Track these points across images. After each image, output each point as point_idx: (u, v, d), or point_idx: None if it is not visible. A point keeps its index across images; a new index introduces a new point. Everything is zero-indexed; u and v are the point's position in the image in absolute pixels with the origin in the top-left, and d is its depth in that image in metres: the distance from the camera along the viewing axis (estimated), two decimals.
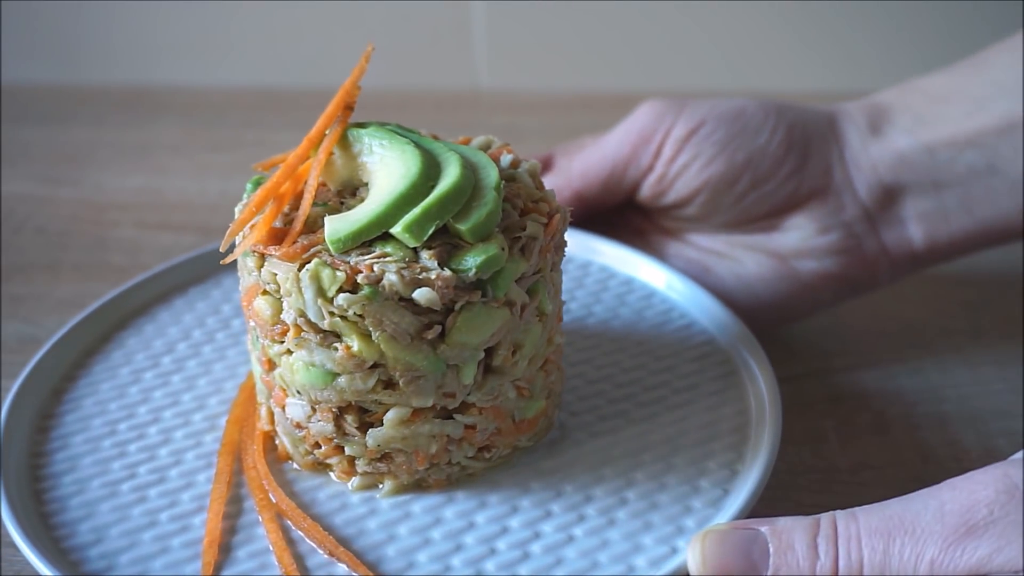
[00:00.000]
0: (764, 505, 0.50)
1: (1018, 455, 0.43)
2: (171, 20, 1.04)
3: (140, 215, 0.85)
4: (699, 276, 0.64)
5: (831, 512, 0.43)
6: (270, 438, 0.54)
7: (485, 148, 0.54)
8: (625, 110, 0.67)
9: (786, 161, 0.62)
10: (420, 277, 0.46)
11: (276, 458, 0.53)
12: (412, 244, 0.46)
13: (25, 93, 1.05)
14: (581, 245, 0.66)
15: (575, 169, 0.66)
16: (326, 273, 0.46)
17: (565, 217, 0.51)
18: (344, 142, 0.51)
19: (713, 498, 0.50)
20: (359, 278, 0.46)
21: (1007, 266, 0.72)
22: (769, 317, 0.64)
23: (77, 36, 1.06)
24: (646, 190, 0.64)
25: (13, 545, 0.52)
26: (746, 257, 0.64)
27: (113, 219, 0.84)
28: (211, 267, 0.65)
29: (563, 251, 0.52)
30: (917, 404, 0.63)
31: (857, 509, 0.43)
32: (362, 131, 0.51)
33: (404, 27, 1.02)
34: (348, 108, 0.52)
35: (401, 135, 0.51)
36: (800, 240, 0.63)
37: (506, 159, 0.53)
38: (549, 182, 0.67)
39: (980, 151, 0.60)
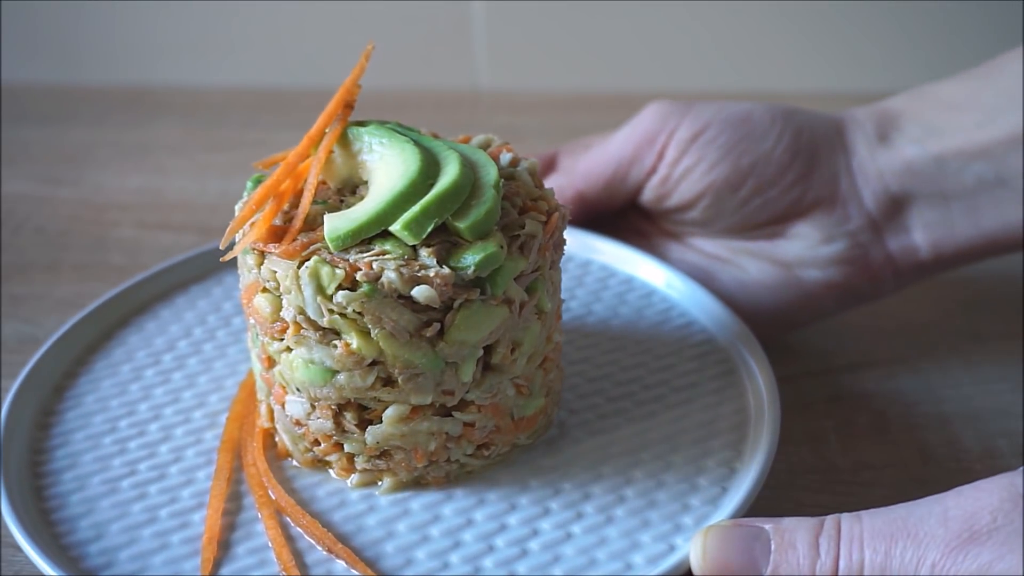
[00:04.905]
0: (764, 505, 0.50)
1: None
2: (171, 20, 1.04)
3: (140, 215, 0.85)
4: (701, 281, 0.63)
5: (837, 514, 0.43)
6: (270, 435, 0.54)
7: (485, 147, 0.54)
8: (625, 110, 0.67)
9: (792, 167, 0.61)
10: (419, 275, 0.46)
11: (276, 455, 0.53)
12: (411, 242, 0.46)
13: (25, 93, 1.05)
14: (581, 244, 0.66)
15: (578, 169, 0.66)
16: (325, 271, 0.46)
17: (564, 216, 0.52)
18: (344, 140, 0.51)
19: (711, 496, 0.50)
20: (358, 275, 0.46)
21: (1007, 266, 0.72)
22: (771, 325, 0.64)
23: (77, 36, 1.06)
24: (649, 192, 0.64)
25: (14, 545, 0.52)
26: (749, 264, 0.64)
27: (113, 219, 0.84)
28: (213, 265, 0.65)
29: (562, 249, 0.52)
30: (917, 404, 0.63)
31: (862, 512, 0.43)
32: (362, 129, 0.51)
33: (404, 27, 1.02)
34: (348, 107, 0.52)
35: (401, 133, 0.51)
36: (804, 249, 0.62)
37: (505, 157, 0.53)
38: (553, 181, 0.67)
39: (989, 162, 0.59)
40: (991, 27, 0.98)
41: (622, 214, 0.68)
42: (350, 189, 0.51)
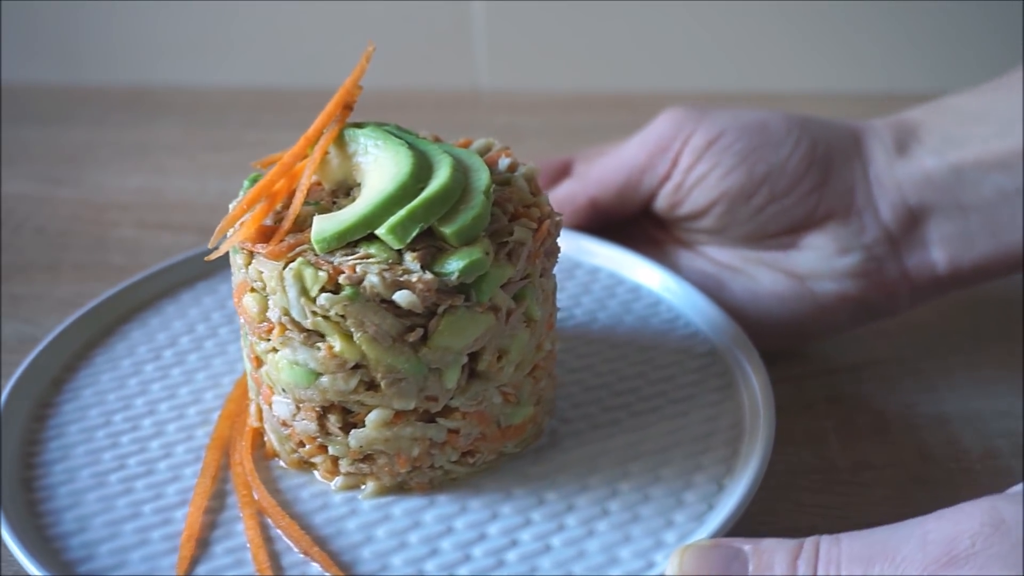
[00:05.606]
0: (764, 505, 0.50)
1: (1015, 488, 0.42)
2: (171, 20, 1.04)
3: (140, 215, 0.85)
4: (712, 290, 0.62)
5: (816, 536, 0.43)
6: (259, 435, 0.54)
7: (485, 151, 0.54)
8: (625, 110, 0.67)
9: (807, 177, 0.61)
10: (401, 279, 0.45)
11: (264, 455, 0.53)
12: (396, 246, 0.46)
13: (25, 93, 1.05)
14: (590, 251, 0.65)
15: (592, 175, 0.65)
16: (309, 272, 0.46)
17: (557, 223, 0.51)
18: (341, 142, 0.51)
19: (697, 512, 0.49)
20: (341, 278, 0.46)
21: None
22: (782, 337, 0.63)
23: (77, 36, 1.06)
24: (662, 199, 0.63)
25: None
26: (761, 274, 0.63)
27: (113, 219, 0.84)
28: (213, 265, 0.65)
29: (555, 257, 0.52)
30: (917, 404, 0.62)
31: (842, 535, 0.42)
32: (358, 131, 0.51)
33: (404, 27, 1.02)
34: (347, 108, 0.51)
35: (397, 136, 0.50)
36: (818, 260, 0.61)
37: (504, 163, 0.52)
38: (566, 187, 0.66)
39: (1008, 174, 0.58)
40: (992, 28, 0.98)
41: (635, 221, 0.67)
42: (344, 191, 0.51)
